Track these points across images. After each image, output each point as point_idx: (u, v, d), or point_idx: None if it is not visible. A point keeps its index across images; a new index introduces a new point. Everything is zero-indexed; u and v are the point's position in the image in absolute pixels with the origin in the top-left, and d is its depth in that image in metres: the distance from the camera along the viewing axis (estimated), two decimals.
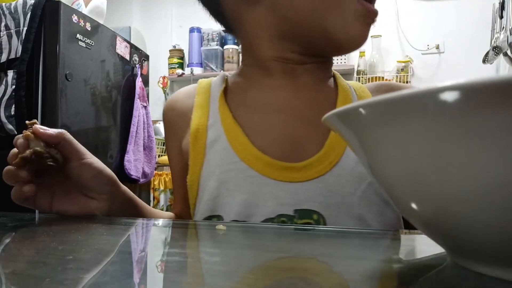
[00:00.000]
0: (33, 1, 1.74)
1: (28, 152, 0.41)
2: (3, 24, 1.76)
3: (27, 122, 0.44)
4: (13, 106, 1.68)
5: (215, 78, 0.57)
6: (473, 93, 0.15)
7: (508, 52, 2.42)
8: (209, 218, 0.47)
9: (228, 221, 0.44)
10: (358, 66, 2.91)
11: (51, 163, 0.42)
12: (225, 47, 3.11)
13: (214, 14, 0.55)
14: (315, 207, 0.43)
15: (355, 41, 0.46)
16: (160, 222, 0.43)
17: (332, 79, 0.54)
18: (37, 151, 0.41)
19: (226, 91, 0.53)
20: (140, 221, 0.44)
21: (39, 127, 0.43)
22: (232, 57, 3.07)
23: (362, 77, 2.86)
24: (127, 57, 2.27)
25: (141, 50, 2.46)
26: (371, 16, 0.45)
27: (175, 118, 0.55)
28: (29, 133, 0.42)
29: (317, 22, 0.45)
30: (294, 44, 0.49)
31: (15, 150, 0.42)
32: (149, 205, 2.61)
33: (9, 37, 1.74)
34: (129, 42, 2.31)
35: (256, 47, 0.51)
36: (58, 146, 0.44)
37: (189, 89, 0.57)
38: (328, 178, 0.44)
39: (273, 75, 0.50)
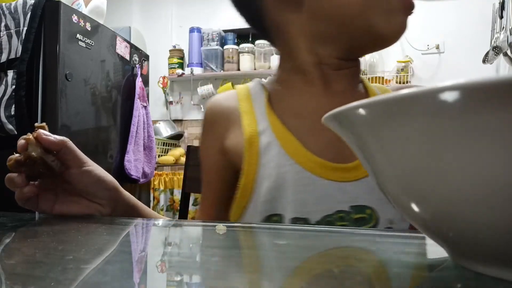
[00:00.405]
0: (33, 1, 1.74)
1: (22, 156, 0.42)
2: (3, 24, 1.76)
3: (36, 124, 0.45)
4: (13, 106, 1.68)
5: (251, 84, 0.59)
6: (473, 93, 0.15)
7: (508, 52, 2.42)
8: (268, 217, 0.49)
9: (289, 219, 0.48)
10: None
11: (43, 170, 0.43)
12: (225, 47, 3.11)
13: (251, 20, 0.57)
14: (367, 202, 0.48)
15: (398, 33, 0.49)
16: (160, 222, 0.43)
17: (361, 84, 0.57)
18: (31, 156, 0.42)
19: (269, 98, 0.56)
20: (140, 221, 0.44)
21: (43, 132, 0.44)
22: (232, 57, 3.07)
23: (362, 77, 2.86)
24: (127, 57, 2.27)
25: (141, 50, 2.46)
26: (411, 7, 0.48)
27: (217, 118, 0.57)
28: (31, 137, 0.43)
29: (362, 20, 0.48)
30: (336, 46, 0.51)
31: (11, 157, 0.43)
32: (149, 205, 2.62)
33: (9, 37, 1.74)
34: (129, 42, 2.31)
35: (297, 53, 0.53)
36: (59, 154, 0.45)
37: (228, 93, 0.60)
38: None
39: (312, 82, 0.53)
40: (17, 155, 0.43)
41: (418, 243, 0.31)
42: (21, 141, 0.43)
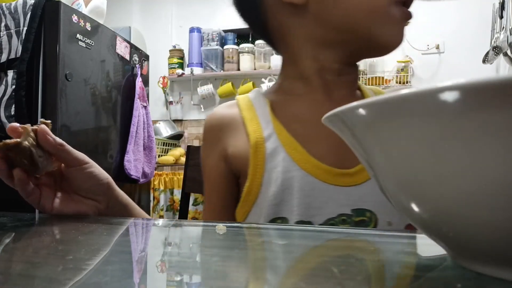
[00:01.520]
0: (33, 1, 1.74)
1: (13, 141, 0.43)
2: (3, 24, 1.76)
3: (42, 120, 0.46)
4: (13, 106, 1.68)
5: (251, 94, 0.60)
6: (473, 93, 0.15)
7: (508, 52, 2.42)
8: (273, 220, 0.51)
9: (293, 222, 0.50)
10: (358, 66, 2.91)
11: (25, 161, 0.43)
12: (225, 47, 3.11)
13: (254, 25, 0.58)
14: (367, 206, 0.50)
15: (397, 43, 0.51)
16: (160, 222, 0.43)
17: (358, 90, 0.59)
18: (21, 144, 0.42)
19: (272, 104, 0.57)
20: (140, 221, 0.44)
21: (44, 129, 0.45)
22: (232, 57, 3.07)
23: (362, 77, 2.86)
24: (127, 57, 2.27)
25: (141, 50, 2.46)
26: (408, 18, 0.51)
27: (219, 127, 0.58)
28: (29, 127, 0.44)
29: (365, 29, 0.49)
30: (337, 52, 0.53)
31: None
32: (149, 205, 2.62)
33: (9, 37, 1.74)
34: (129, 42, 2.31)
35: (301, 59, 0.55)
36: (56, 155, 0.46)
37: (227, 104, 0.62)
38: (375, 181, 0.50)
39: (314, 89, 0.55)
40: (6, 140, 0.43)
41: (418, 243, 0.31)
42: (15, 126, 0.44)
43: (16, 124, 0.44)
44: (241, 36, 3.11)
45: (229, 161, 0.56)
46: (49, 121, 0.46)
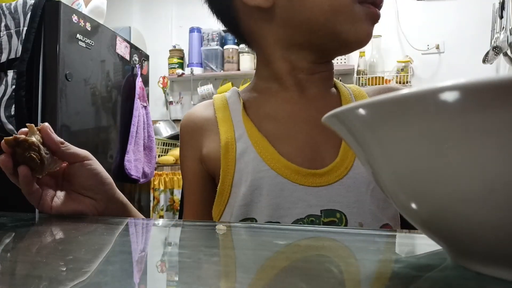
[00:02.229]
0: (33, 1, 1.74)
1: (22, 136, 0.44)
2: (3, 24, 1.76)
3: (41, 124, 0.47)
4: (13, 106, 1.68)
5: (228, 93, 0.61)
6: (473, 93, 0.15)
7: (508, 52, 2.42)
8: (243, 221, 0.51)
9: (262, 222, 0.50)
10: (358, 66, 2.91)
11: (34, 156, 0.44)
12: (225, 47, 3.11)
13: (232, 30, 0.60)
14: (337, 206, 0.50)
15: (363, 41, 0.51)
16: (160, 222, 0.43)
17: (334, 88, 0.59)
18: (30, 139, 0.44)
19: (245, 106, 0.57)
20: (140, 221, 0.44)
21: (48, 126, 0.46)
22: (232, 57, 3.07)
23: (362, 77, 2.87)
24: (127, 57, 2.27)
25: (141, 50, 2.46)
26: (375, 17, 0.51)
27: (194, 128, 0.59)
28: (33, 125, 0.45)
29: (329, 28, 0.50)
30: (307, 52, 0.53)
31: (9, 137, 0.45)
32: (149, 205, 2.62)
33: (9, 37, 1.74)
34: (129, 42, 2.31)
35: (273, 61, 0.55)
36: (58, 153, 0.47)
37: (204, 104, 0.62)
38: (346, 181, 0.51)
39: (287, 88, 0.55)
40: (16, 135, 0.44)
41: (418, 243, 0.31)
42: (23, 129, 0.46)
43: (25, 129, 0.46)
44: None
45: (204, 162, 0.56)
46: (46, 123, 0.47)
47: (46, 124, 0.47)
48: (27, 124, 0.45)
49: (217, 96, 0.62)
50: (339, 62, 2.92)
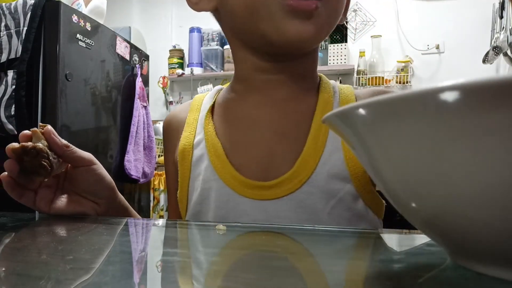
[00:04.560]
0: (33, 1, 1.74)
1: (30, 143, 0.42)
2: (3, 24, 1.75)
3: (40, 123, 0.46)
4: (13, 106, 1.68)
5: (209, 93, 0.59)
6: (473, 93, 0.15)
7: (508, 52, 2.42)
8: None
9: None
10: (358, 66, 2.91)
11: (44, 163, 0.43)
12: (225, 47, 3.11)
13: None
14: (284, 222, 0.45)
15: (291, 40, 0.43)
16: (160, 222, 0.43)
17: (315, 91, 0.52)
18: (38, 146, 0.43)
19: (214, 107, 0.55)
20: (140, 221, 0.44)
21: (51, 130, 0.45)
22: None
23: (362, 77, 2.86)
24: (127, 57, 2.27)
25: (141, 50, 2.46)
26: (300, 12, 0.42)
27: (171, 132, 0.58)
28: (37, 130, 0.44)
29: (252, 29, 0.45)
30: (256, 51, 0.49)
31: (13, 144, 0.43)
32: (149, 205, 2.61)
33: (9, 37, 1.74)
34: (129, 42, 2.31)
35: (236, 61, 0.52)
36: (63, 156, 0.46)
37: (185, 104, 0.60)
38: (298, 195, 0.46)
39: (255, 89, 0.51)
40: (14, 144, 0.42)
41: (418, 243, 0.31)
42: (25, 132, 0.43)
43: (27, 131, 0.44)
44: None
45: (176, 164, 0.54)
46: (47, 125, 0.46)
47: (49, 127, 0.45)
48: (31, 129, 0.44)
49: (198, 95, 0.59)
50: (339, 62, 2.92)
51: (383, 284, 0.20)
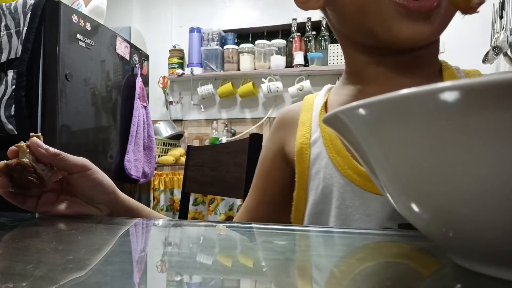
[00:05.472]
0: (33, 1, 1.74)
1: (14, 161, 0.43)
2: (3, 24, 1.75)
3: (31, 134, 0.46)
4: (13, 106, 1.68)
5: (320, 92, 0.57)
6: (473, 93, 0.15)
7: (508, 52, 2.42)
8: None
9: None
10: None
11: (32, 178, 0.43)
12: (225, 47, 3.11)
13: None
14: None
15: (404, 40, 0.42)
16: (160, 222, 0.43)
17: (438, 78, 0.50)
18: (22, 161, 0.43)
19: (327, 105, 0.53)
20: (140, 221, 0.44)
21: (36, 142, 0.44)
22: (232, 57, 3.06)
23: None
24: (127, 57, 2.27)
25: (141, 50, 2.46)
26: (414, 13, 0.40)
27: (279, 124, 0.57)
28: (23, 144, 0.44)
29: (365, 27, 0.44)
30: (369, 48, 0.47)
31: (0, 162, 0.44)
32: (149, 205, 2.62)
33: (9, 37, 1.74)
34: (129, 42, 2.31)
35: (347, 55, 0.51)
36: (54, 165, 0.46)
37: (296, 104, 0.59)
38: None
39: (369, 83, 0.49)
40: (7, 161, 0.43)
41: (418, 243, 0.31)
42: (11, 148, 0.44)
43: (13, 147, 0.44)
44: (241, 36, 3.11)
45: (286, 157, 0.53)
46: (39, 134, 0.46)
47: (35, 139, 0.44)
48: (16, 144, 0.44)
49: (308, 96, 0.58)
50: (339, 62, 2.92)
51: (383, 284, 0.20)
